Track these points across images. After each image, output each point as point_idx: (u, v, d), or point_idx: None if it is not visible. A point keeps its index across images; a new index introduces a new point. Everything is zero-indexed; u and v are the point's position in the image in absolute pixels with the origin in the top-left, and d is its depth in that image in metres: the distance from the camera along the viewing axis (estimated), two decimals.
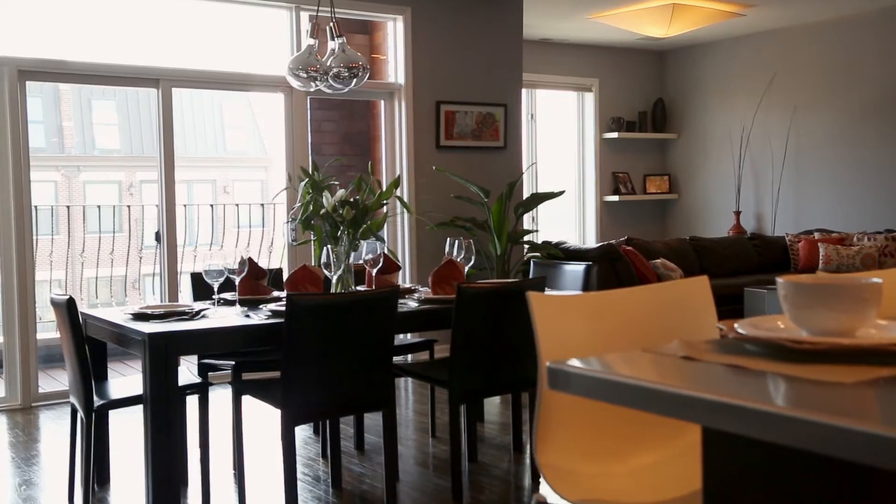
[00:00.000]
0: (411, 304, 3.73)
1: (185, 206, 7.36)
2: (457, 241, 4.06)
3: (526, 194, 7.27)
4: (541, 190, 8.07)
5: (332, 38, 3.95)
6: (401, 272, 4.78)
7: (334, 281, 3.73)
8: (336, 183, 3.89)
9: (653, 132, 9.61)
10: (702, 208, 9.49)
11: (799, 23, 8.39)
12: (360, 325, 3.25)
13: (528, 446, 4.24)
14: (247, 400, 3.54)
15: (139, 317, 3.40)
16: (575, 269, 4.45)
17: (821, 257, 7.41)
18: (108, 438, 3.77)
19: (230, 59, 6.31)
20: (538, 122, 9.19)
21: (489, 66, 6.82)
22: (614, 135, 9.32)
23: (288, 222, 6.12)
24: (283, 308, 3.42)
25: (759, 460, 1.16)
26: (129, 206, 8.93)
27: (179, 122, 5.77)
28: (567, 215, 9.55)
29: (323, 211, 3.80)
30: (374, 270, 3.98)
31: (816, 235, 7.76)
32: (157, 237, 5.81)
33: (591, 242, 9.25)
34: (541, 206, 7.27)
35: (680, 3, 7.13)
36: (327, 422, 3.93)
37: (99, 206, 7.49)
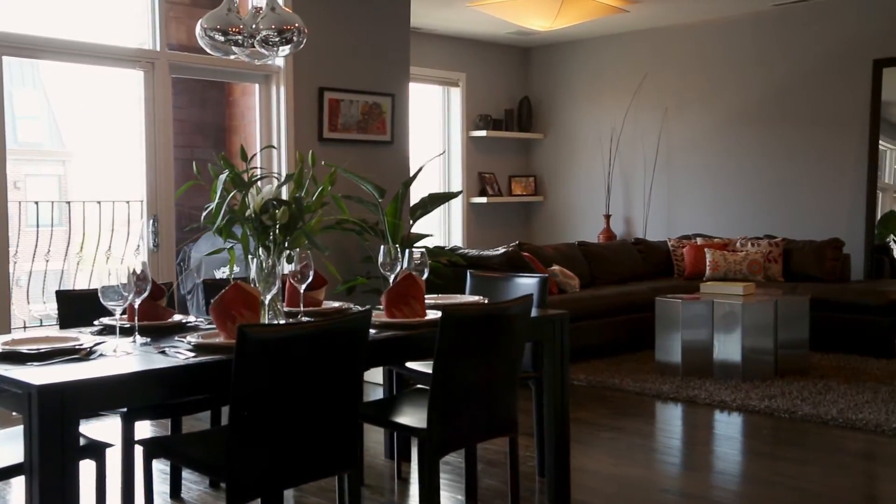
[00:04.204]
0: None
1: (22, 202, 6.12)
2: (408, 251, 3.34)
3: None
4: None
5: None
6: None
7: (267, 303, 2.90)
8: (260, 174, 3.06)
9: (518, 131, 9.19)
10: (569, 211, 9.17)
11: (672, 23, 8.21)
12: (327, 364, 2.47)
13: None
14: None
15: (9, 357, 2.44)
16: (527, 283, 3.83)
17: (708, 263, 7.21)
18: None
19: (78, 27, 5.21)
20: None
21: (376, 52, 6.08)
22: (482, 133, 8.82)
23: (149, 223, 5.14)
24: (214, 342, 2.59)
25: None
26: None
27: None
28: (430, 217, 8.93)
29: (248, 212, 2.97)
30: (303, 287, 3.19)
31: (698, 241, 7.58)
32: None
33: (451, 245, 8.70)
34: None
35: None
36: None
37: None
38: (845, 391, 5.16)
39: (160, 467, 3.76)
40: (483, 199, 8.88)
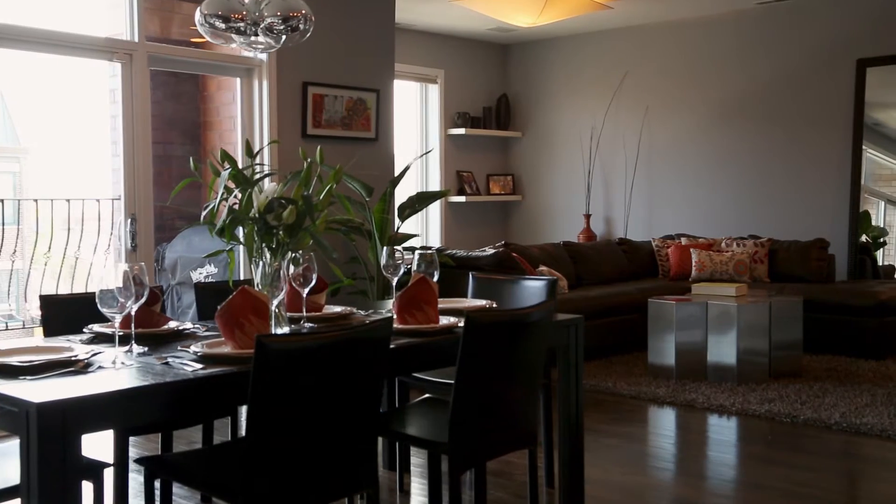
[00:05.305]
0: None
1: None
2: (418, 254, 3.17)
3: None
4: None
5: None
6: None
7: (273, 310, 2.71)
8: (264, 171, 2.87)
9: (497, 129, 9.05)
10: (547, 211, 9.04)
11: (653, 21, 8.12)
12: (349, 375, 2.29)
13: None
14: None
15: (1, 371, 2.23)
16: (535, 286, 3.67)
17: (694, 264, 7.13)
18: None
19: (48, 15, 4.95)
20: None
21: (360, 47, 5.90)
22: (461, 131, 8.66)
23: (126, 223, 4.90)
24: (222, 352, 2.40)
25: None
26: None
27: None
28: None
29: (252, 212, 2.77)
30: (306, 291, 3.00)
31: (683, 241, 7.50)
32: None
33: (436, 245, 8.54)
34: None
35: None
36: None
37: None
38: (843, 394, 5.08)
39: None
40: (462, 199, 8.73)
